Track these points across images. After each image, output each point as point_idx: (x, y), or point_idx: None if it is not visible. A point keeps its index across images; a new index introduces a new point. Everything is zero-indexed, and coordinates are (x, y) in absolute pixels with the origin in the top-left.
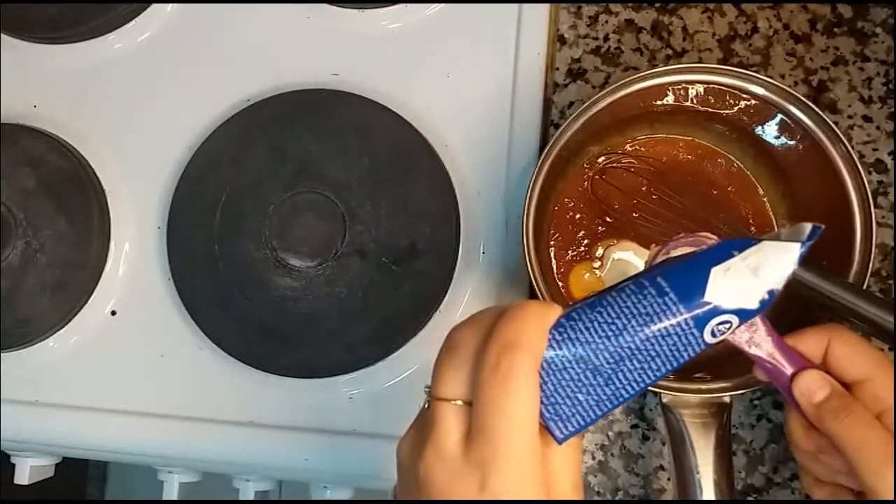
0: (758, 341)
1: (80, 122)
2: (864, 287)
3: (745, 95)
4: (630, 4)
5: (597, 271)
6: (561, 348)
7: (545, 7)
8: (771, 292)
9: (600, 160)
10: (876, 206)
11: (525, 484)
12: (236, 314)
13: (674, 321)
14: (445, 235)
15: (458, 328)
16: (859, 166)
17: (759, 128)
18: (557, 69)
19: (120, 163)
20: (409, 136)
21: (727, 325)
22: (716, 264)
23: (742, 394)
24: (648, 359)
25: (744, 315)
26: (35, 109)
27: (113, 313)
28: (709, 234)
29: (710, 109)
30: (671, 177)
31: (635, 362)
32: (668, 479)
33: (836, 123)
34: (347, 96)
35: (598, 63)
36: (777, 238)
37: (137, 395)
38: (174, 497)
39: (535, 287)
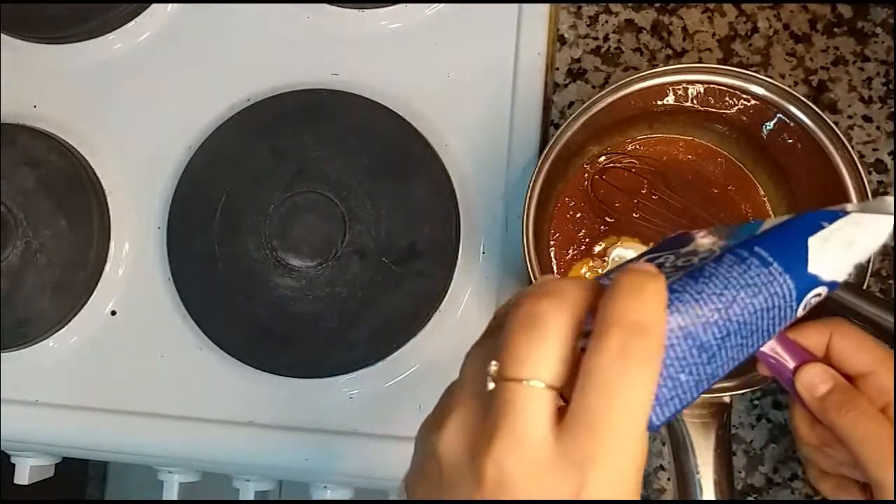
0: None
1: (80, 122)
2: (864, 287)
3: (745, 95)
4: (630, 4)
5: (598, 270)
6: (669, 323)
7: (545, 7)
8: (858, 266)
9: (600, 160)
10: None
11: (627, 487)
12: (236, 314)
13: (779, 292)
14: (445, 235)
15: (530, 300)
16: (859, 166)
17: (762, 127)
18: (557, 69)
19: (120, 163)
20: (409, 136)
21: (817, 299)
22: (810, 235)
23: (742, 394)
24: (749, 334)
25: (832, 288)
26: (35, 109)
27: (113, 313)
28: (704, 232)
29: (710, 109)
30: (671, 177)
31: (738, 338)
32: (668, 479)
33: (836, 123)
34: (347, 96)
35: (598, 63)
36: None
37: (137, 395)
38: (174, 497)
39: None
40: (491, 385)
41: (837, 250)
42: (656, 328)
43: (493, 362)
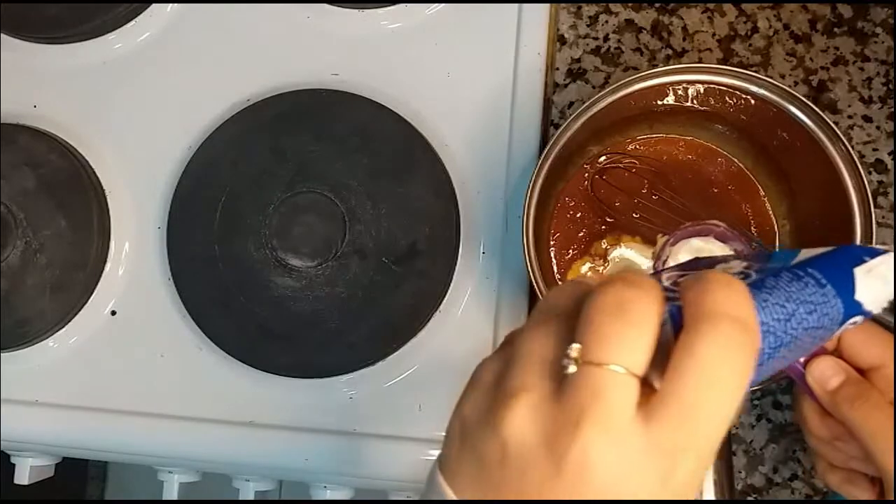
0: None
1: (80, 123)
2: None
3: (745, 95)
4: (630, 4)
5: (599, 270)
6: None
7: (545, 7)
8: (892, 302)
9: (601, 160)
10: (876, 206)
11: (700, 478)
12: (236, 314)
13: (829, 313)
14: (445, 235)
15: (619, 287)
16: (859, 166)
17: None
18: (557, 69)
19: (120, 163)
20: (409, 136)
21: (852, 326)
22: (855, 266)
23: None
24: (795, 348)
25: (866, 318)
26: (35, 109)
27: (113, 313)
28: (717, 222)
29: (710, 109)
30: (671, 177)
31: (787, 350)
32: None
33: (836, 123)
34: (347, 96)
35: (598, 63)
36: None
37: (137, 395)
38: (174, 497)
39: (535, 287)
40: (572, 368)
41: (878, 283)
42: (756, 325)
43: (575, 345)
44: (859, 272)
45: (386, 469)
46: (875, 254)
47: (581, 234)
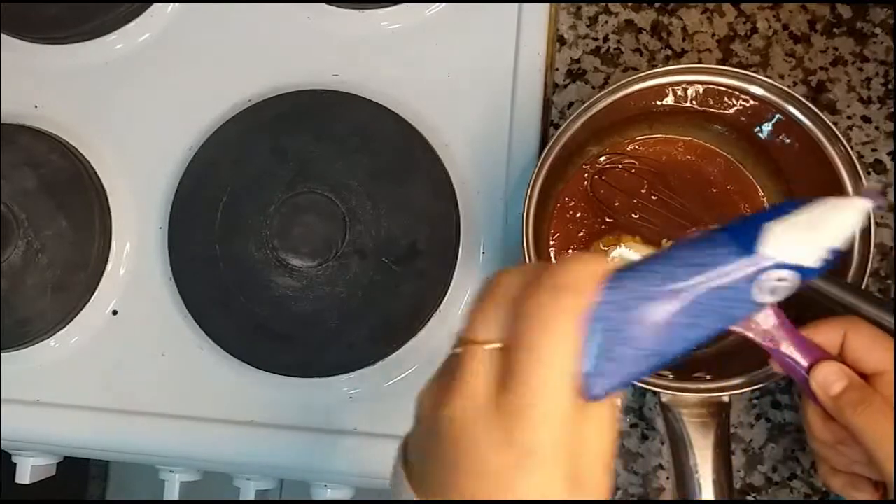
0: (773, 333)
1: (80, 123)
2: (863, 287)
3: (744, 95)
4: (630, 4)
5: None
6: (612, 297)
7: (545, 7)
8: (834, 251)
9: (600, 160)
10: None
11: (555, 441)
12: (237, 314)
13: (727, 271)
14: (445, 235)
15: (501, 273)
16: (858, 166)
17: (758, 127)
18: (557, 69)
19: (120, 163)
20: (409, 136)
21: (784, 283)
22: (772, 220)
23: (741, 394)
24: (699, 313)
25: (805, 274)
26: (35, 110)
27: (114, 313)
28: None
29: (709, 110)
30: (671, 177)
31: (686, 316)
32: (668, 479)
33: (835, 124)
34: (347, 96)
35: (597, 63)
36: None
37: (138, 394)
38: (175, 496)
39: None
40: (455, 349)
41: (802, 234)
42: (575, 289)
43: (459, 331)
44: (773, 225)
45: (386, 469)
46: (805, 204)
47: (581, 234)
